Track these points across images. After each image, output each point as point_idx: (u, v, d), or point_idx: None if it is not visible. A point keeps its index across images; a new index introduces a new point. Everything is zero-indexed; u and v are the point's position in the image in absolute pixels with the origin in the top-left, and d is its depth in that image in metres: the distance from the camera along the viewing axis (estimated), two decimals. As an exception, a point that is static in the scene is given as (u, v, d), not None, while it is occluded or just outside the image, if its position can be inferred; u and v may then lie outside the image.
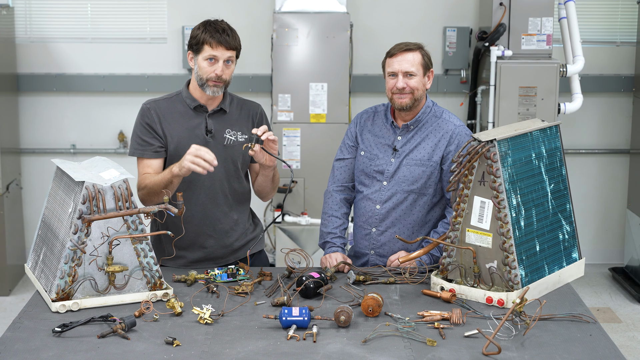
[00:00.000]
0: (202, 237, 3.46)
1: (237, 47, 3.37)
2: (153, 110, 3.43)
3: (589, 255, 6.16)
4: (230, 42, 3.33)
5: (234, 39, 3.35)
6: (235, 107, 3.51)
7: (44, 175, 6.33)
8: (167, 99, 3.49)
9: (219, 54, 3.32)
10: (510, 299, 2.92)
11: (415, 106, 3.43)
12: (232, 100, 3.52)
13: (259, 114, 3.54)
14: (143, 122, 3.43)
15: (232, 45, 3.34)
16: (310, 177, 5.72)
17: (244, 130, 3.48)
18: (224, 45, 3.32)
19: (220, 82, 3.36)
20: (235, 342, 2.67)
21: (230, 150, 3.44)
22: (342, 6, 5.65)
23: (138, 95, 6.21)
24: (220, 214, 3.46)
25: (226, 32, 3.33)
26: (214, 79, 3.34)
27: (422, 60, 3.40)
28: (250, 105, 3.56)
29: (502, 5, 5.61)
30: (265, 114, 3.59)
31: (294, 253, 3.38)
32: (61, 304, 2.86)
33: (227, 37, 3.32)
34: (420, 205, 3.46)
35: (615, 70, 6.36)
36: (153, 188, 3.32)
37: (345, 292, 3.10)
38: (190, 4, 6.22)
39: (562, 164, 3.21)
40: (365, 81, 6.18)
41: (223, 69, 3.34)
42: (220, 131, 3.44)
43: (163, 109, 3.44)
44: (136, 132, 3.44)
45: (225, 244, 3.51)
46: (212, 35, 3.31)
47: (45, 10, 6.27)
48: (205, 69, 3.34)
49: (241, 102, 3.54)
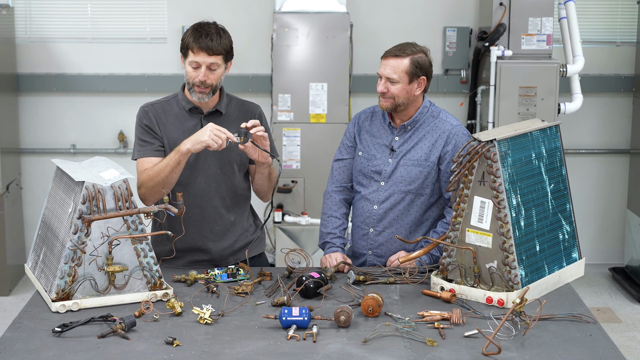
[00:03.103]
0: (200, 239, 3.46)
1: (222, 52, 3.31)
2: (150, 113, 3.44)
3: (589, 255, 6.15)
4: (213, 47, 3.27)
5: (218, 44, 3.29)
6: (233, 109, 3.49)
7: (44, 175, 6.33)
8: (163, 101, 3.49)
9: (200, 60, 3.29)
10: (510, 299, 2.92)
11: (400, 110, 3.42)
12: (230, 102, 3.50)
13: (258, 115, 3.52)
14: (142, 124, 3.43)
15: (215, 50, 3.28)
16: (310, 177, 5.72)
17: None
18: (206, 51, 3.27)
19: (206, 88, 3.33)
20: (235, 342, 2.67)
21: (227, 152, 3.42)
22: (342, 6, 5.65)
23: (138, 95, 6.21)
24: (216, 216, 3.45)
25: (211, 36, 3.28)
26: (198, 84, 3.32)
27: (408, 68, 3.35)
28: (249, 106, 3.54)
29: (502, 5, 5.61)
30: (264, 115, 3.57)
31: (294, 253, 3.38)
32: (61, 304, 2.86)
33: (210, 42, 3.26)
34: (418, 206, 3.46)
35: (615, 70, 6.35)
36: (159, 175, 3.26)
37: (345, 292, 3.10)
38: (190, 4, 6.21)
39: (562, 164, 3.21)
40: (365, 81, 6.18)
41: (206, 74, 3.31)
42: None
43: (159, 111, 3.44)
44: (137, 135, 3.45)
45: (224, 246, 3.50)
46: (195, 40, 3.28)
47: (45, 10, 6.27)
48: (189, 74, 3.34)
49: (240, 104, 3.53)
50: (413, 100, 3.42)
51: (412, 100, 3.42)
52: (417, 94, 3.41)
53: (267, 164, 3.39)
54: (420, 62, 3.37)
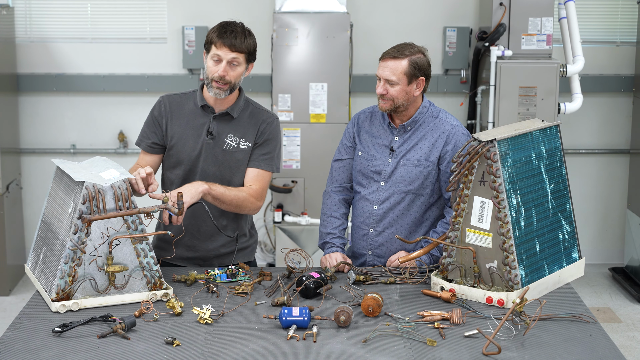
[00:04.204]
0: (185, 237, 3.42)
1: (245, 50, 3.32)
2: (164, 104, 3.47)
3: (589, 255, 6.15)
4: (236, 44, 3.29)
5: (242, 42, 3.30)
6: (248, 115, 3.45)
7: (44, 175, 6.33)
8: (182, 94, 3.51)
9: (222, 54, 3.30)
10: (510, 299, 2.92)
11: (400, 111, 3.42)
12: (246, 107, 3.46)
13: (267, 124, 3.44)
14: (153, 113, 3.48)
15: (237, 47, 3.29)
16: (310, 177, 5.73)
17: (247, 137, 3.43)
18: (228, 46, 3.29)
19: (224, 85, 3.32)
20: (235, 342, 2.67)
21: (228, 155, 3.42)
22: (342, 6, 5.66)
23: (138, 95, 6.21)
24: (207, 217, 3.38)
25: (235, 34, 3.30)
26: (217, 79, 3.31)
27: (407, 69, 3.34)
28: (261, 116, 3.47)
29: (502, 5, 5.61)
30: (275, 126, 3.47)
31: (294, 253, 3.38)
32: (61, 304, 2.86)
33: (234, 39, 3.28)
34: (418, 206, 3.46)
35: (615, 70, 6.36)
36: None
37: (345, 292, 3.10)
38: (190, 4, 6.22)
39: (562, 164, 3.21)
40: (365, 81, 6.18)
41: (226, 69, 3.30)
42: (222, 135, 3.42)
43: (175, 104, 3.46)
44: (145, 121, 3.50)
45: (209, 248, 3.49)
46: (219, 35, 3.30)
47: (45, 10, 6.27)
48: (210, 68, 3.34)
49: (255, 112, 3.47)
50: (412, 101, 3.42)
51: (412, 101, 3.41)
52: (417, 95, 3.41)
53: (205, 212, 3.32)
54: (418, 62, 3.37)
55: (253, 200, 3.41)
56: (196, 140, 3.41)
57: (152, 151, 3.47)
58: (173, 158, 3.45)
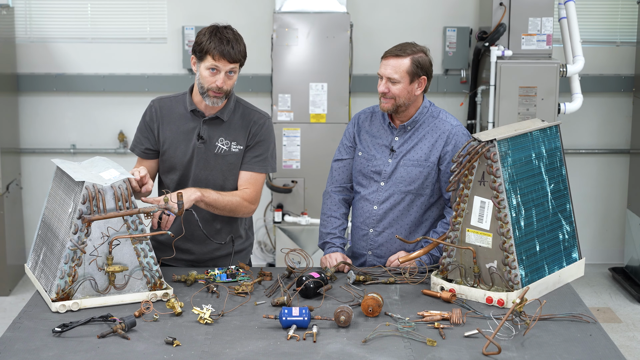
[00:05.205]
0: (180, 240, 3.36)
1: (241, 58, 3.29)
2: (155, 109, 3.44)
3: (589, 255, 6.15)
4: (234, 55, 3.24)
5: (238, 51, 3.26)
6: (239, 117, 3.43)
7: (44, 175, 6.33)
8: (173, 98, 3.48)
9: (221, 66, 3.25)
10: (510, 299, 2.92)
11: (401, 111, 3.41)
12: (236, 108, 3.43)
13: (258, 125, 3.41)
14: (144, 119, 3.46)
15: (234, 57, 3.25)
16: (310, 177, 5.72)
17: (238, 140, 3.40)
18: (227, 58, 3.24)
19: (221, 93, 3.29)
20: (235, 342, 2.67)
21: (220, 159, 3.40)
22: (342, 6, 5.65)
23: (138, 95, 6.21)
24: (201, 221, 3.31)
25: (231, 43, 3.24)
26: (215, 89, 3.28)
27: (409, 68, 3.34)
28: (253, 117, 3.44)
29: (502, 5, 5.61)
30: (266, 127, 3.44)
31: (294, 253, 3.38)
32: (61, 304, 2.86)
33: (231, 49, 3.23)
34: (418, 206, 3.46)
35: (615, 70, 6.35)
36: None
37: (345, 292, 3.10)
38: (190, 4, 6.21)
39: (562, 164, 3.21)
40: (365, 81, 6.18)
41: (224, 80, 3.27)
42: (213, 139, 3.39)
43: (165, 108, 3.44)
44: (138, 127, 3.48)
45: (203, 251, 3.49)
46: (216, 47, 3.23)
47: (45, 10, 6.27)
48: (206, 79, 3.28)
49: (246, 113, 3.44)
50: (413, 100, 3.42)
51: (413, 100, 3.41)
52: (418, 94, 3.41)
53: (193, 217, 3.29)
54: (420, 61, 3.37)
55: (247, 204, 3.41)
56: (187, 145, 3.39)
57: (147, 157, 3.45)
58: (166, 163, 3.44)
